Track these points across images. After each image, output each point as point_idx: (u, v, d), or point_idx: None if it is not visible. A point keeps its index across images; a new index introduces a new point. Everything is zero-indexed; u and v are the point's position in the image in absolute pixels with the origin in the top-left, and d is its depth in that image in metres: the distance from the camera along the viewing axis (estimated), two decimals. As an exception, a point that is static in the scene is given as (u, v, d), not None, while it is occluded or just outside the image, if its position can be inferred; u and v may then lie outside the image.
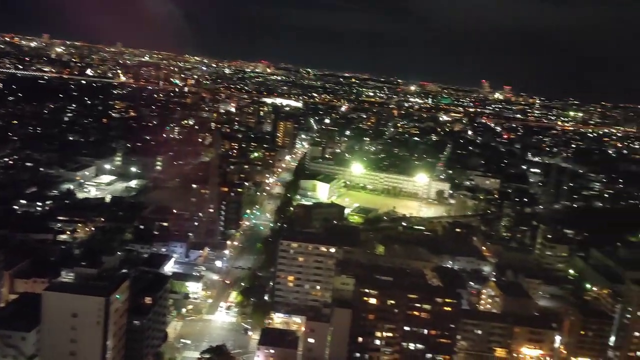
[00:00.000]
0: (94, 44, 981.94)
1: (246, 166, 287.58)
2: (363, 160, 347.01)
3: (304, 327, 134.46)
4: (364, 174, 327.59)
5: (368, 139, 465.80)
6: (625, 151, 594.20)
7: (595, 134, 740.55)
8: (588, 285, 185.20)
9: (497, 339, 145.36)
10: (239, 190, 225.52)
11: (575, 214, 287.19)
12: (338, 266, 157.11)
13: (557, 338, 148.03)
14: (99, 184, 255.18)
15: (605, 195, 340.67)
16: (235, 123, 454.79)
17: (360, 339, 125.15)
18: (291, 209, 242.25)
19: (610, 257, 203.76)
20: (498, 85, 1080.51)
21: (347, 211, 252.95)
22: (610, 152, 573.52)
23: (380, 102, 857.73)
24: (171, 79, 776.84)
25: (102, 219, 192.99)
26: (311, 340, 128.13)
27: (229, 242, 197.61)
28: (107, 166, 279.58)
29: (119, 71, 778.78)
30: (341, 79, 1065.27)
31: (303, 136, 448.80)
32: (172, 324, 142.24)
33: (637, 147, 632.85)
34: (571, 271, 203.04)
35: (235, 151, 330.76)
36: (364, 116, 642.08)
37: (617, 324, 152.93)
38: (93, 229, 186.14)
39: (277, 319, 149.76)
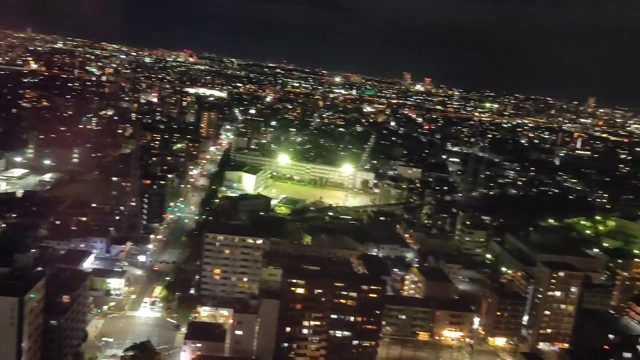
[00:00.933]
0: (0, 29, 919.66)
1: (169, 158, 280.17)
2: (289, 151, 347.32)
3: (231, 320, 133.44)
4: (290, 164, 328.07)
5: (294, 129, 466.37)
6: (536, 141, 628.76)
7: (509, 125, 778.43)
8: (503, 269, 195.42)
9: (420, 323, 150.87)
10: (162, 182, 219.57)
11: (491, 201, 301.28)
12: (265, 257, 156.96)
13: (476, 320, 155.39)
14: (9, 178, 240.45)
15: (519, 182, 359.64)
16: (157, 113, 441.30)
17: (288, 329, 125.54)
18: (217, 201, 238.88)
19: (524, 241, 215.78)
20: (419, 77, 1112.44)
21: (273, 202, 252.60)
22: (522, 141, 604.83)
23: (306, 93, 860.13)
24: (87, 67, 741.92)
25: (14, 215, 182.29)
26: (239, 332, 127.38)
27: (152, 236, 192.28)
28: (18, 159, 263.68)
29: (29, 58, 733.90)
30: (266, 69, 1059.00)
31: (228, 127, 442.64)
32: (93, 322, 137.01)
33: (547, 136, 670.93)
34: (488, 255, 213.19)
35: (157, 142, 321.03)
36: (290, 107, 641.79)
37: (529, 304, 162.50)
38: (4, 225, 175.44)
39: (204, 313, 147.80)
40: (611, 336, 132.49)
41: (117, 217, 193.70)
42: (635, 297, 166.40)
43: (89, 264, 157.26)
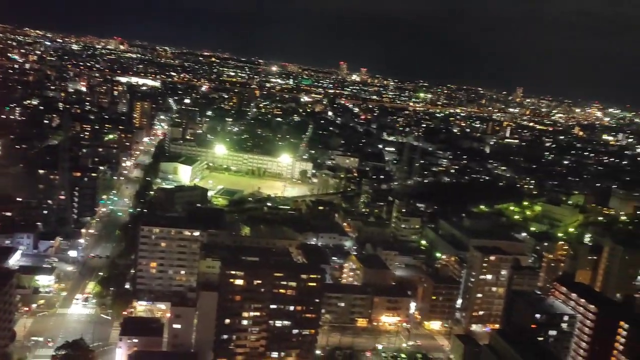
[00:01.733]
0: None
1: (100, 149, 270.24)
2: (226, 141, 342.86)
3: (169, 313, 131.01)
4: (227, 155, 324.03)
5: (230, 119, 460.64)
6: (468, 130, 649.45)
7: (442, 114, 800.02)
8: (438, 254, 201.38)
9: (359, 309, 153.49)
10: (93, 174, 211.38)
11: (426, 188, 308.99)
12: (203, 249, 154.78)
13: (412, 304, 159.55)
14: None
15: (452, 170, 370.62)
16: (87, 103, 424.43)
17: (227, 321, 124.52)
18: (151, 193, 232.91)
19: (457, 227, 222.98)
20: (355, 67, 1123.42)
21: (211, 193, 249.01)
22: (455, 130, 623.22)
23: (242, 82, 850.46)
24: (8, 54, 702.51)
25: None
26: (177, 325, 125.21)
27: (83, 231, 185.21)
28: None
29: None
30: (201, 58, 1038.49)
31: (162, 117, 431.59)
32: (21, 322, 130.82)
33: (478, 125, 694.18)
34: (423, 242, 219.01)
35: (87, 133, 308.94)
36: (226, 96, 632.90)
37: (462, 287, 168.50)
38: None
39: (140, 307, 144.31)
40: (538, 316, 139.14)
41: (45, 212, 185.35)
42: (559, 277, 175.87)
43: (14, 261, 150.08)
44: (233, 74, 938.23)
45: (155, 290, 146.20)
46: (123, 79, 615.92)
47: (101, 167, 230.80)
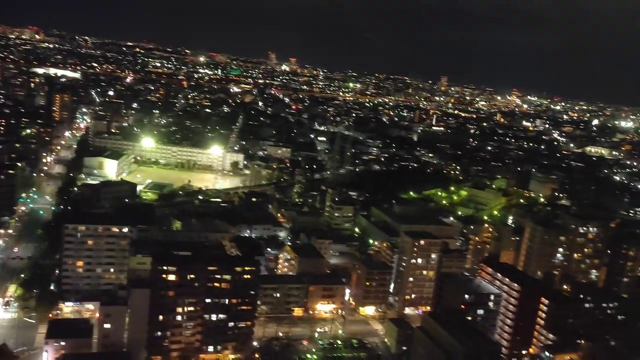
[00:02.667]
0: None
1: (17, 144, 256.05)
2: (154, 134, 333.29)
3: (98, 313, 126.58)
4: (155, 148, 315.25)
5: (157, 111, 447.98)
6: (396, 118, 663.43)
7: (371, 103, 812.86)
8: (371, 241, 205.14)
9: (295, 299, 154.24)
10: (10, 171, 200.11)
11: (357, 177, 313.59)
12: (133, 246, 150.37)
13: (347, 291, 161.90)
14: None
15: (382, 159, 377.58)
16: (1, 96, 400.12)
17: (160, 317, 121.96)
18: (75, 189, 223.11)
19: (388, 214, 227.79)
20: (284, 57, 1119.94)
21: (139, 188, 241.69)
22: (384, 119, 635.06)
23: (169, 73, 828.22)
24: None
25: None
26: (107, 325, 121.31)
27: (2, 231, 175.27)
28: None
29: None
30: (124, 48, 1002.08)
31: (84, 110, 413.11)
32: None
33: (406, 114, 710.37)
34: (356, 229, 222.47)
35: (2, 128, 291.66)
36: (152, 88, 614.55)
37: (395, 272, 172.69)
38: None
39: (67, 309, 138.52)
40: (466, 296, 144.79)
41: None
42: (485, 259, 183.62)
43: None
44: (159, 64, 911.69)
45: (82, 290, 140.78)
46: (40, 70, 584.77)
47: (19, 164, 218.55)
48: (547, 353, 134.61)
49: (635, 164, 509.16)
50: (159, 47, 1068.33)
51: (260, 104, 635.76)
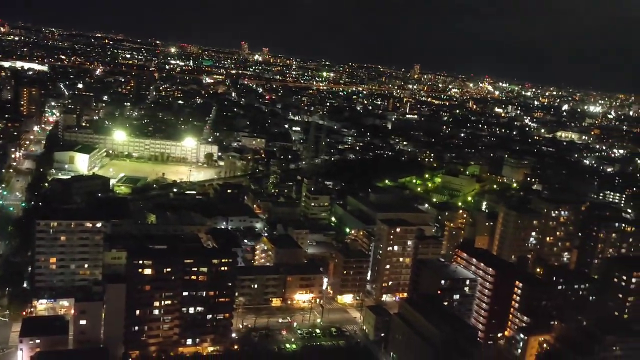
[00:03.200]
0: None
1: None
2: (125, 127, 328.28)
3: (73, 310, 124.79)
4: (127, 141, 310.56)
5: (129, 103, 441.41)
6: (370, 107, 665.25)
7: (345, 92, 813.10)
8: (347, 230, 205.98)
9: (272, 290, 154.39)
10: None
11: (333, 166, 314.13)
12: (107, 241, 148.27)
13: (325, 280, 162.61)
14: None
15: (357, 147, 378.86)
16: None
17: (137, 312, 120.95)
18: (46, 184, 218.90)
19: (364, 202, 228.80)
20: (257, 47, 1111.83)
21: (112, 182, 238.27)
22: (358, 108, 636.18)
23: (139, 65, 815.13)
24: None
25: None
26: (83, 322, 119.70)
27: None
28: None
29: None
30: (93, 40, 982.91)
31: (53, 103, 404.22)
32: None
33: (379, 103, 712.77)
34: (333, 218, 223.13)
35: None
36: (122, 80, 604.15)
37: (372, 260, 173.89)
38: None
39: (41, 306, 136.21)
40: (442, 282, 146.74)
41: None
42: (460, 244, 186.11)
43: None
44: (129, 56, 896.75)
45: (56, 286, 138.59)
46: (5, 64, 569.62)
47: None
48: (521, 335, 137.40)
49: (604, 147, 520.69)
50: (129, 38, 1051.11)
51: (233, 94, 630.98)
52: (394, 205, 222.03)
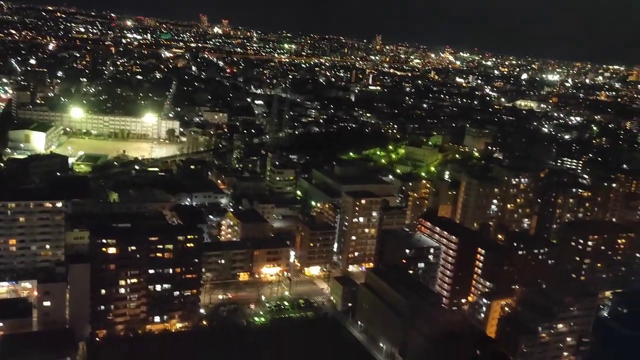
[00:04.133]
0: None
1: None
2: (83, 104, 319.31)
3: (36, 292, 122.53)
4: (85, 118, 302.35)
5: (85, 79, 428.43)
6: (333, 79, 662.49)
7: (308, 64, 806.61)
8: (313, 202, 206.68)
9: (240, 264, 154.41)
10: None
11: (297, 140, 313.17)
12: (68, 221, 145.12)
13: (292, 253, 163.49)
14: None
15: (320, 120, 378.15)
16: None
17: (102, 291, 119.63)
18: (1, 165, 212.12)
19: (329, 175, 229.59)
20: (216, 19, 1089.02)
21: (71, 160, 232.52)
22: (321, 80, 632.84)
23: (94, 39, 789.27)
24: None
25: None
26: (47, 303, 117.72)
27: None
28: None
29: None
30: (44, 13, 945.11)
31: (4, 80, 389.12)
32: None
33: (342, 75, 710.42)
34: (298, 192, 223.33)
35: None
36: (77, 55, 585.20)
37: (338, 232, 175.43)
38: None
39: (2, 289, 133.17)
40: (407, 251, 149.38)
41: None
42: (424, 214, 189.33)
43: None
44: (83, 30, 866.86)
45: (17, 269, 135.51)
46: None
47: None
48: (484, 300, 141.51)
49: (561, 115, 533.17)
50: (82, 11, 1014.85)
51: (193, 68, 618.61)
52: (359, 178, 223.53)
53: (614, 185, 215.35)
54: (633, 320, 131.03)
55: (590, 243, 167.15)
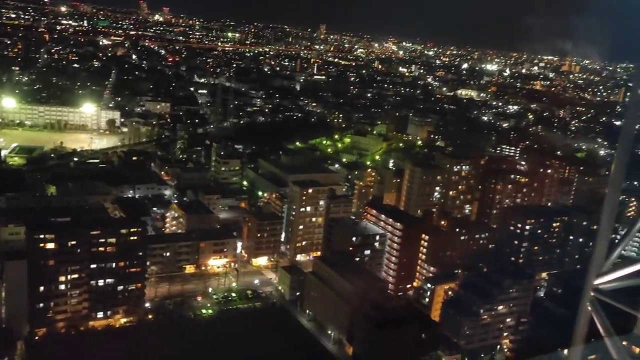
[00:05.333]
0: None
1: None
2: (15, 94, 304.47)
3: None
4: (18, 108, 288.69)
5: (17, 68, 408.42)
6: (277, 68, 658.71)
7: (252, 53, 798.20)
8: (260, 193, 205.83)
9: (185, 257, 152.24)
10: None
11: (242, 129, 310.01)
12: (2, 216, 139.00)
13: (239, 244, 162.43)
14: None
15: (266, 110, 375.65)
16: None
17: (41, 288, 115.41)
18: None
19: (275, 165, 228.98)
20: (157, 6, 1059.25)
21: (4, 153, 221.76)
22: (266, 69, 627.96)
23: (27, 25, 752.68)
24: None
25: None
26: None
27: None
28: None
29: None
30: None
31: None
32: None
33: (287, 63, 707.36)
34: (245, 182, 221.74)
35: None
36: (8, 42, 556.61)
37: (285, 222, 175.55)
38: None
39: None
40: (354, 239, 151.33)
41: None
42: (370, 202, 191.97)
43: None
44: (14, 15, 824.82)
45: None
46: None
47: None
48: (429, 285, 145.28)
49: (500, 104, 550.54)
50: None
51: (134, 57, 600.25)
52: (305, 167, 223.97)
53: (549, 171, 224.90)
54: (567, 300, 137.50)
55: (527, 227, 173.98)
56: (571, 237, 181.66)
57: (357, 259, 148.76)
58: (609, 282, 16.77)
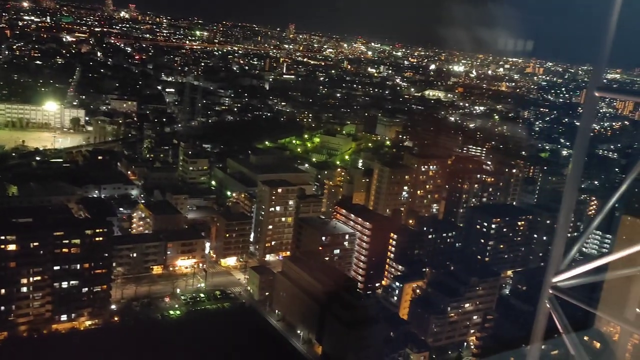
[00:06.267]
0: None
1: None
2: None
3: None
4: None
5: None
6: (246, 67, 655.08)
7: (220, 52, 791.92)
8: (228, 192, 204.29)
9: (153, 257, 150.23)
10: None
11: (210, 128, 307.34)
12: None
13: (207, 245, 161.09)
14: None
15: (235, 109, 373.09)
16: None
17: (2, 291, 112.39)
18: None
19: (244, 164, 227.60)
20: (123, 3, 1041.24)
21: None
22: (234, 68, 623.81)
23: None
24: None
25: None
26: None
27: None
28: None
29: None
30: None
31: None
32: None
33: (256, 62, 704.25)
34: (213, 182, 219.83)
35: None
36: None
37: (254, 222, 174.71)
38: None
39: None
40: (323, 238, 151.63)
41: None
42: (339, 201, 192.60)
43: None
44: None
45: None
46: None
47: None
48: (397, 283, 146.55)
49: (467, 104, 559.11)
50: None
51: (99, 54, 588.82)
52: (275, 166, 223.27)
53: (514, 170, 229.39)
54: (531, 297, 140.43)
55: (493, 226, 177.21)
56: (535, 236, 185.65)
57: (327, 258, 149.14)
58: (567, 280, 17.17)
